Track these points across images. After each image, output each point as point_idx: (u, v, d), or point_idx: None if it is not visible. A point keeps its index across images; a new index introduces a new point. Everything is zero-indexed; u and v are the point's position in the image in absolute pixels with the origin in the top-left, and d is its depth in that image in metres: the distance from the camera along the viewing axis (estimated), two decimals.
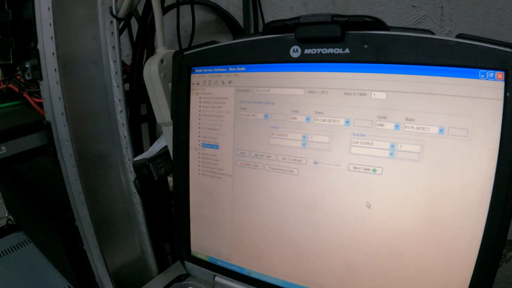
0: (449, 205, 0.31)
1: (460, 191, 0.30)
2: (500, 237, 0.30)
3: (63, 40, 0.46)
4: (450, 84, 0.29)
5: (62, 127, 0.47)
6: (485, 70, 0.28)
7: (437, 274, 0.32)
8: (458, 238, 0.31)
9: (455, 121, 0.29)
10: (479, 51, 0.28)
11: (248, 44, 0.37)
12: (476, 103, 0.29)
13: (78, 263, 0.60)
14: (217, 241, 0.44)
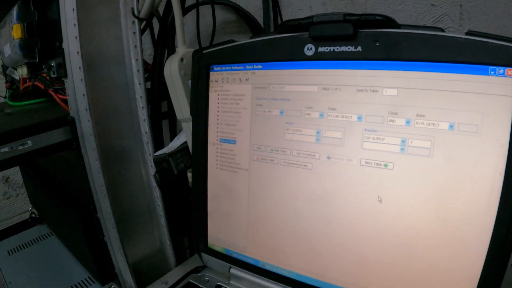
0: (459, 201, 0.32)
1: (470, 187, 0.31)
2: (510, 234, 0.31)
3: (87, 40, 0.49)
4: (460, 80, 0.31)
5: (86, 122, 0.50)
6: (495, 67, 0.30)
7: (446, 269, 0.33)
8: (468, 233, 0.32)
9: (465, 117, 0.31)
10: (489, 48, 0.30)
11: (264, 43, 0.39)
12: (486, 100, 0.30)
13: (99, 254, 0.64)
14: (233, 233, 0.46)
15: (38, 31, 0.62)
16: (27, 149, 0.54)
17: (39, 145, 0.55)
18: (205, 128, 0.46)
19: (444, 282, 0.34)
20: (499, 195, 0.31)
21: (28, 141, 0.54)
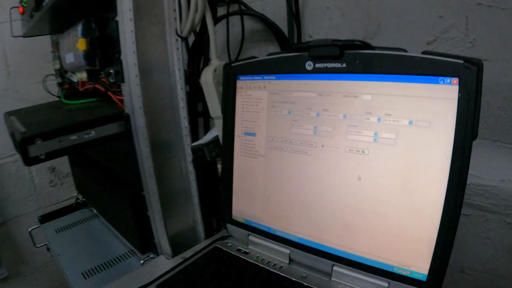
0: (417, 179, 0.44)
1: (425, 168, 0.44)
2: (458, 203, 0.43)
3: (142, 53, 0.65)
4: (417, 88, 0.43)
5: (139, 118, 0.65)
6: (443, 77, 0.42)
7: (410, 230, 0.46)
8: (425, 203, 0.44)
9: (420, 116, 0.43)
10: (439, 63, 0.42)
11: (277, 60, 0.53)
12: (436, 102, 0.42)
13: (142, 226, 0.79)
14: (252, 207, 0.60)
15: (98, 44, 0.79)
16: (91, 138, 0.70)
17: (100, 135, 0.71)
18: (233, 124, 0.60)
19: (409, 240, 0.46)
20: (447, 174, 0.43)
21: (92, 132, 0.70)
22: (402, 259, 0.47)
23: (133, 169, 0.74)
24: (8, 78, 1.47)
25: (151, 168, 0.67)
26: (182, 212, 0.76)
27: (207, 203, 0.78)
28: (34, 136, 0.64)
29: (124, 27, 0.65)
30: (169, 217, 0.73)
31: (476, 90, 0.40)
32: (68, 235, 1.13)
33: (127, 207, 0.80)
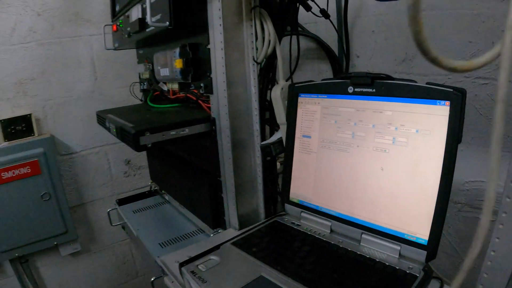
0: (421, 170, 0.68)
1: (427, 162, 0.68)
2: (447, 188, 0.66)
3: (228, 72, 0.93)
4: (422, 107, 0.68)
5: (224, 121, 0.94)
6: (440, 101, 0.66)
7: (415, 206, 0.70)
8: (426, 187, 0.68)
9: (423, 126, 0.68)
10: (438, 91, 0.66)
11: (329, 84, 0.79)
12: (435, 117, 0.67)
13: (216, 206, 1.07)
14: (305, 190, 0.86)
15: (191, 63, 1.08)
16: (185, 134, 0.99)
17: (192, 132, 1.00)
18: (294, 129, 0.87)
19: (415, 215, 0.70)
20: (441, 166, 0.66)
21: (186, 129, 0.99)
22: (410, 228, 0.71)
23: (214, 160, 1.03)
24: (95, 82, 1.83)
25: (230, 159, 0.95)
26: (249, 196, 1.03)
27: (268, 192, 1.05)
28: (145, 130, 0.93)
29: (216, 53, 0.93)
30: (239, 200, 1.01)
31: (461, 109, 0.64)
32: (143, 215, 1.44)
33: (205, 190, 1.09)
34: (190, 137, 1.01)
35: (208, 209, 1.11)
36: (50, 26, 1.76)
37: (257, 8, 0.91)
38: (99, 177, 1.89)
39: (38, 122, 1.74)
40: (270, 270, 0.72)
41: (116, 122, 1.08)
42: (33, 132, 1.71)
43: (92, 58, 1.81)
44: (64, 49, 1.77)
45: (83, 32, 1.79)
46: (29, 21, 1.73)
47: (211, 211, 1.10)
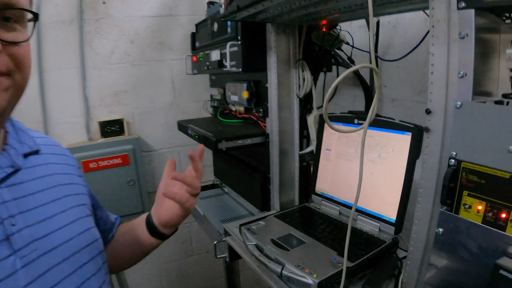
0: (394, 173, 1.17)
1: (398, 169, 1.16)
2: (409, 184, 1.14)
3: (279, 102, 1.44)
4: (396, 136, 1.16)
5: (275, 136, 1.46)
6: (406, 132, 1.15)
7: (389, 196, 1.18)
8: (395, 183, 1.16)
9: (397, 147, 1.16)
10: (404, 126, 1.15)
11: (344, 116, 1.30)
12: (403, 142, 1.15)
13: (264, 194, 1.59)
14: (325, 185, 1.36)
15: (254, 94, 1.60)
16: (248, 143, 1.52)
17: (253, 142, 1.52)
18: (320, 144, 1.37)
19: (389, 203, 1.18)
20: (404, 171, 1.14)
21: (249, 140, 1.52)
22: (386, 211, 1.19)
23: (265, 162, 1.55)
24: (173, 97, 2.42)
25: (277, 162, 1.47)
26: (288, 189, 1.54)
27: (302, 187, 1.55)
28: (222, 139, 1.47)
29: (271, 89, 1.46)
30: (282, 191, 1.52)
31: (418, 137, 1.11)
32: (207, 202, 1.99)
33: (258, 182, 1.61)
34: (251, 145, 1.54)
35: (259, 197, 1.63)
36: (141, 51, 2.37)
37: (300, 60, 1.43)
38: None
39: (128, 125, 2.35)
40: (296, 230, 1.23)
41: (198, 131, 1.64)
42: (124, 133, 2.32)
43: (172, 78, 2.41)
44: (150, 69, 2.38)
45: (166, 57, 2.39)
46: (124, 47, 2.35)
47: (261, 198, 1.62)
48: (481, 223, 0.75)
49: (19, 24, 0.70)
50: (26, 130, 0.91)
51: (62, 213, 0.82)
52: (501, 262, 0.70)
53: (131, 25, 2.34)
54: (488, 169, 0.73)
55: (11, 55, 0.68)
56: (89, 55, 2.30)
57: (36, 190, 0.79)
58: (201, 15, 2.16)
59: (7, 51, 0.68)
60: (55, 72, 2.26)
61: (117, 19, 2.32)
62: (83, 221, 0.87)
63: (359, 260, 1.01)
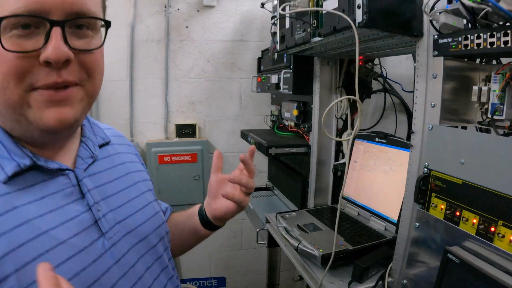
0: (398, 182, 1.44)
1: (401, 180, 1.43)
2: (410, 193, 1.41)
3: (320, 121, 1.75)
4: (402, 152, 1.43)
5: (315, 147, 1.78)
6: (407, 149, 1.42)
7: (395, 199, 1.45)
8: (400, 192, 1.43)
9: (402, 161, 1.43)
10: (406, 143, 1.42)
11: (367, 135, 1.59)
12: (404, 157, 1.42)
13: (303, 196, 1.91)
14: (350, 191, 1.66)
15: (302, 111, 1.93)
16: (293, 151, 1.86)
17: (297, 151, 1.86)
18: (350, 157, 1.67)
19: (393, 206, 1.45)
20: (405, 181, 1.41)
21: (294, 149, 1.85)
22: (390, 214, 1.46)
23: (306, 169, 1.87)
24: (240, 110, 2.81)
25: (315, 170, 1.79)
26: (323, 193, 1.85)
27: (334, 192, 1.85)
28: (272, 146, 1.81)
29: (315, 110, 1.79)
30: (317, 194, 1.83)
31: None
32: (258, 200, 2.34)
33: (299, 185, 1.93)
34: (295, 154, 1.87)
35: (299, 196, 1.95)
36: (215, 69, 2.79)
37: (340, 88, 1.74)
38: (231, 172, 2.85)
39: (200, 129, 2.77)
40: (318, 221, 1.54)
41: (255, 139, 1.99)
42: (195, 135, 2.74)
43: (240, 93, 2.81)
44: (222, 85, 2.80)
45: (236, 76, 2.80)
46: (202, 64, 2.78)
47: (300, 197, 1.94)
48: (443, 219, 1.01)
49: (91, 30, 0.71)
50: (99, 123, 0.98)
51: (136, 198, 0.90)
52: (450, 248, 0.96)
53: (208, 47, 2.78)
54: (448, 176, 1.00)
55: (82, 63, 0.69)
56: (172, 69, 2.76)
57: (112, 178, 0.86)
58: (267, 41, 2.56)
59: (78, 58, 0.68)
60: (143, 80, 2.75)
61: (197, 41, 2.77)
62: (152, 205, 0.95)
63: (359, 246, 1.30)
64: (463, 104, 1.06)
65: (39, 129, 0.68)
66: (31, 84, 0.64)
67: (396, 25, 1.05)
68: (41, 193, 0.70)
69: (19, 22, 0.62)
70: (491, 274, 0.82)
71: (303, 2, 1.25)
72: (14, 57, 0.62)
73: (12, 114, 0.67)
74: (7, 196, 0.65)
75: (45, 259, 0.64)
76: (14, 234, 0.63)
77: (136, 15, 2.68)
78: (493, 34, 0.84)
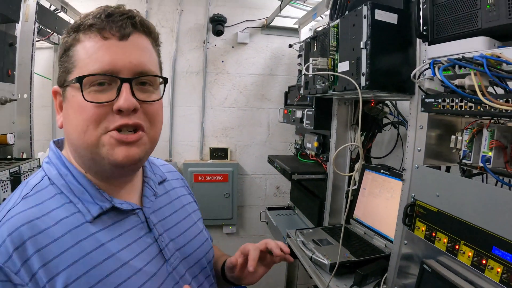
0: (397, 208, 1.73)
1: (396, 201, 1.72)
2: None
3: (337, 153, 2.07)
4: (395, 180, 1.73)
5: (331, 174, 2.09)
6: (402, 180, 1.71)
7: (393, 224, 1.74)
8: (395, 208, 1.72)
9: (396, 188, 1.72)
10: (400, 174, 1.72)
11: (374, 167, 1.89)
12: (397, 186, 1.71)
13: (320, 215, 2.21)
14: (359, 213, 1.96)
15: (322, 143, 2.25)
16: (312, 178, 2.17)
17: (316, 177, 2.18)
18: (360, 184, 1.97)
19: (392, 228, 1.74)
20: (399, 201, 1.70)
21: (313, 175, 2.17)
22: (390, 234, 1.74)
23: (323, 192, 2.18)
24: (267, 137, 3.16)
25: (330, 194, 2.10)
26: (337, 214, 2.15)
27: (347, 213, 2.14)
28: (295, 172, 2.14)
29: (332, 142, 2.10)
30: (331, 215, 2.13)
31: None
32: (281, 218, 2.66)
33: (316, 206, 2.24)
34: (314, 180, 2.19)
35: (316, 216, 2.26)
36: (246, 99, 3.15)
37: (353, 125, 2.05)
38: (257, 193, 3.20)
39: (231, 153, 3.12)
40: (330, 237, 1.85)
41: (281, 165, 2.32)
42: (227, 158, 3.08)
43: (268, 122, 3.17)
44: (252, 114, 3.16)
45: (265, 106, 3.16)
46: (234, 95, 3.15)
47: (317, 217, 2.24)
48: (423, 238, 1.30)
49: (152, 86, 0.84)
50: (155, 161, 1.11)
51: (190, 228, 1.04)
52: (426, 260, 1.25)
53: (241, 80, 3.15)
54: (427, 205, 1.30)
55: (146, 112, 0.81)
56: (209, 98, 3.14)
57: (171, 212, 1.00)
58: (293, 76, 2.92)
59: (143, 109, 0.80)
60: (182, 107, 3.13)
61: (231, 74, 3.15)
62: (203, 233, 1.10)
63: (361, 258, 1.60)
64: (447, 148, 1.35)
65: (110, 164, 0.79)
66: (106, 127, 0.78)
67: (392, 87, 1.38)
68: (119, 231, 0.82)
69: (96, 80, 0.77)
70: (454, 281, 1.11)
71: (323, 62, 1.59)
72: (93, 107, 0.76)
73: (89, 153, 0.79)
74: (96, 234, 0.78)
75: (128, 284, 0.77)
76: (104, 265, 0.76)
77: (178, 49, 3.08)
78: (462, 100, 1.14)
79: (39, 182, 0.81)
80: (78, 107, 0.78)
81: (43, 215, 0.74)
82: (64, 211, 0.77)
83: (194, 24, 3.12)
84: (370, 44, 1.33)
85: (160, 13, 3.07)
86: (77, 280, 0.71)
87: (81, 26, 0.79)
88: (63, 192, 0.80)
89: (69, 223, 0.76)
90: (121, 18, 0.79)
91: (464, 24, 1.08)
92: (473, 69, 1.02)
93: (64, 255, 0.72)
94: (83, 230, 0.76)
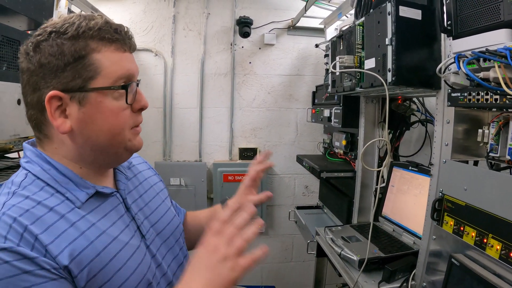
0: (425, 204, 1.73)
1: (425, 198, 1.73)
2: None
3: (365, 151, 2.08)
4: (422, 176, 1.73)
5: (360, 173, 2.11)
6: (429, 175, 1.71)
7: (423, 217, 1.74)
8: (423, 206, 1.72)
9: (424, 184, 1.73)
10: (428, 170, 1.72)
11: (402, 164, 1.90)
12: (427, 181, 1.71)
13: (349, 213, 2.23)
14: (388, 210, 1.97)
15: (350, 141, 2.27)
16: (341, 176, 2.20)
17: (345, 175, 2.21)
18: (389, 181, 1.98)
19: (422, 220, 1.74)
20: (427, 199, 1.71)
21: (342, 173, 2.19)
22: (419, 230, 1.75)
23: (351, 190, 2.19)
24: (296, 136, 3.19)
25: (359, 192, 2.12)
26: (365, 212, 2.16)
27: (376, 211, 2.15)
28: (324, 170, 2.17)
29: (360, 140, 2.11)
30: (360, 212, 2.15)
31: None
32: (310, 216, 2.68)
33: (345, 204, 2.26)
34: (343, 178, 2.21)
35: (344, 214, 2.27)
36: (274, 100, 3.19)
37: (381, 123, 2.06)
38: (286, 192, 3.24)
39: (260, 153, 3.15)
40: (359, 234, 1.87)
41: (309, 163, 2.35)
42: None
43: (296, 122, 3.20)
44: (281, 114, 3.19)
45: (293, 106, 3.19)
46: (262, 95, 3.20)
47: (346, 215, 2.26)
48: (452, 233, 1.32)
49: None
50: None
51: (160, 205, 1.15)
52: (454, 255, 1.26)
53: (269, 80, 3.19)
54: (455, 199, 1.31)
55: None
56: (237, 99, 3.19)
57: (141, 193, 1.10)
58: (321, 75, 2.94)
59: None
60: (211, 109, 3.20)
61: (259, 75, 3.20)
62: (171, 210, 1.20)
63: (390, 254, 1.61)
64: (475, 142, 1.36)
65: (128, 152, 0.97)
66: (134, 124, 0.95)
67: (418, 82, 1.40)
68: (104, 211, 0.93)
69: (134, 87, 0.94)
70: (482, 275, 1.12)
71: (349, 59, 1.62)
72: (128, 110, 0.93)
73: (115, 148, 0.94)
74: (86, 216, 0.87)
75: (120, 256, 0.88)
76: (99, 241, 0.85)
77: (206, 52, 3.15)
78: (487, 93, 1.15)
79: (24, 179, 0.88)
80: (112, 111, 0.90)
81: (37, 204, 0.82)
82: (55, 199, 0.85)
83: (221, 27, 3.18)
84: (395, 40, 1.36)
85: (188, 16, 3.15)
86: (79, 255, 0.80)
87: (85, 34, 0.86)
88: (50, 185, 0.87)
89: (61, 209, 0.84)
90: (128, 36, 0.95)
91: (487, 17, 1.09)
92: (497, 61, 1.03)
93: (64, 235, 0.81)
94: (75, 214, 0.85)
